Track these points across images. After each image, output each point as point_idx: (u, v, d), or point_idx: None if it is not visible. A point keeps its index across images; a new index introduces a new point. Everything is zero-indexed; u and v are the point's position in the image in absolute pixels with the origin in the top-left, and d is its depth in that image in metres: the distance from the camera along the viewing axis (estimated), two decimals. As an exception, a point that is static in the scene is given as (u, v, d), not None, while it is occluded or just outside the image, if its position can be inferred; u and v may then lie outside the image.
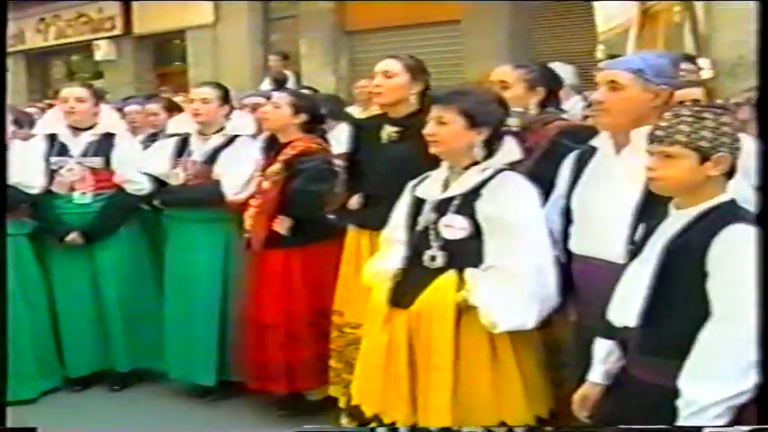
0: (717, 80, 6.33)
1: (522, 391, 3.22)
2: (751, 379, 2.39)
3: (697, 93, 3.55)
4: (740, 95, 4.90)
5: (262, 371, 4.74)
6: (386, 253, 3.52)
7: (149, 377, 5.46)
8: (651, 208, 2.77)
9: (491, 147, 3.31)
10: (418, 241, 3.33)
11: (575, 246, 3.18)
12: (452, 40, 10.42)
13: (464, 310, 3.16)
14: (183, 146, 5.17)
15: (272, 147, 4.81)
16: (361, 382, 3.45)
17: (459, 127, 3.26)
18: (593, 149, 3.21)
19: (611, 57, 3.71)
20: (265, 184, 4.67)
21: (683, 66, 3.73)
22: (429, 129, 3.31)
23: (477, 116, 3.26)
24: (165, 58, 15.12)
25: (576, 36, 8.90)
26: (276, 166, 4.65)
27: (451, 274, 3.21)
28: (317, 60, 11.91)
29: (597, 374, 2.81)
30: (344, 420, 3.52)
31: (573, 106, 6.09)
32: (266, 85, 10.13)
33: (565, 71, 6.39)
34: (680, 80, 3.15)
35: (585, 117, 4.04)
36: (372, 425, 3.31)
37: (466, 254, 3.21)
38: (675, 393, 2.45)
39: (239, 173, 4.87)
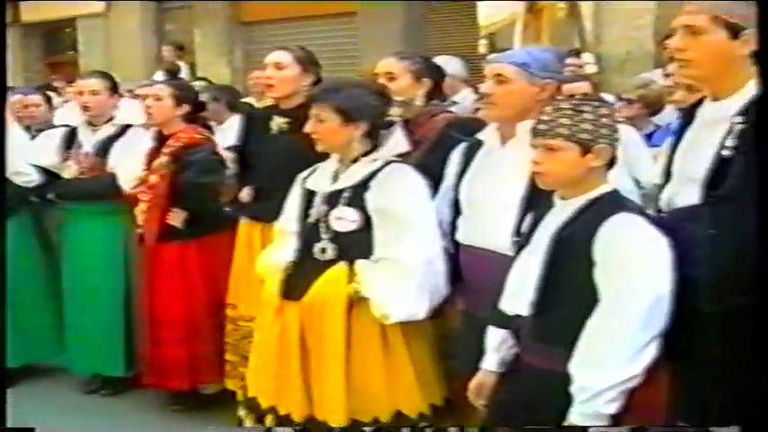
0: (605, 75, 6.51)
1: (416, 380, 3.26)
2: (639, 364, 2.47)
3: (585, 87, 3.65)
4: (632, 92, 5.04)
5: (161, 366, 4.68)
6: (278, 245, 3.51)
7: (40, 372, 5.36)
8: (537, 199, 2.83)
9: (375, 139, 3.33)
10: (309, 233, 3.33)
11: (463, 237, 3.22)
12: (348, 31, 10.43)
13: (355, 302, 3.18)
14: (71, 137, 5.06)
15: (157, 139, 4.75)
16: (256, 375, 3.45)
17: (336, 124, 3.26)
18: (481, 142, 3.26)
19: (497, 51, 3.77)
20: (153, 178, 4.59)
21: (570, 60, 3.82)
22: (309, 127, 3.32)
23: (351, 111, 3.26)
24: (55, 47, 14.72)
25: (469, 29, 8.99)
26: (162, 159, 4.58)
27: (342, 266, 3.22)
28: (212, 51, 11.78)
29: (491, 362, 2.86)
30: (241, 413, 3.51)
31: (464, 99, 6.18)
32: (159, 75, 9.96)
33: (456, 64, 6.48)
34: (565, 74, 3.22)
35: (477, 110, 4.09)
36: (268, 417, 3.31)
37: (356, 246, 3.22)
38: (568, 379, 2.51)
39: (134, 165, 4.78)
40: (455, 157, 3.35)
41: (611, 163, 2.67)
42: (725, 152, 2.60)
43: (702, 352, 2.64)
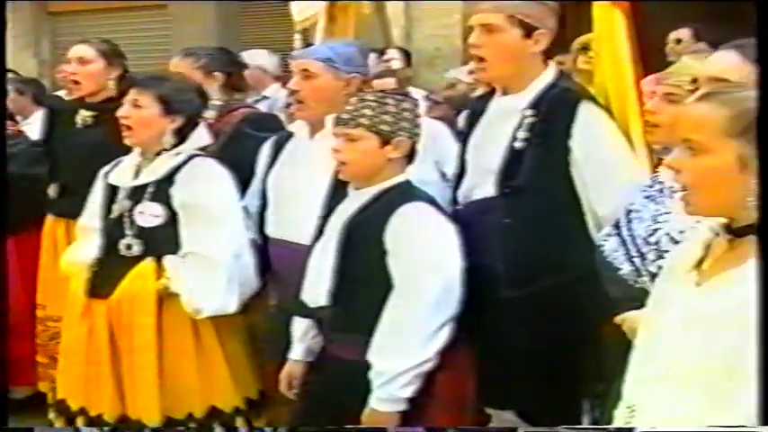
0: (416, 71, 6.67)
1: (229, 375, 3.26)
2: (432, 348, 2.56)
3: (391, 83, 3.75)
4: (439, 92, 5.19)
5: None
6: (82, 242, 3.42)
7: None
8: (343, 191, 2.88)
9: (183, 135, 3.30)
10: (113, 230, 3.26)
11: (271, 230, 3.25)
12: (161, 24, 10.21)
13: (165, 298, 3.15)
14: None
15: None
16: (65, 376, 3.37)
17: (154, 112, 3.22)
18: (291, 134, 3.30)
19: (307, 46, 3.82)
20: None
21: (380, 56, 3.92)
22: (123, 111, 3.25)
23: (173, 103, 3.23)
24: None
25: (283, 23, 9.01)
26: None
27: (150, 262, 3.18)
28: (18, 42, 11.24)
29: (297, 352, 2.90)
30: (51, 415, 3.43)
31: (274, 93, 6.18)
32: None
33: (263, 58, 6.46)
34: (370, 69, 3.31)
35: (288, 104, 4.12)
36: (79, 418, 3.24)
37: (163, 241, 3.18)
38: (369, 367, 2.58)
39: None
40: (265, 150, 3.37)
41: (411, 157, 2.75)
42: (517, 144, 2.75)
43: (504, 336, 2.79)
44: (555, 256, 2.74)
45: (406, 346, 2.56)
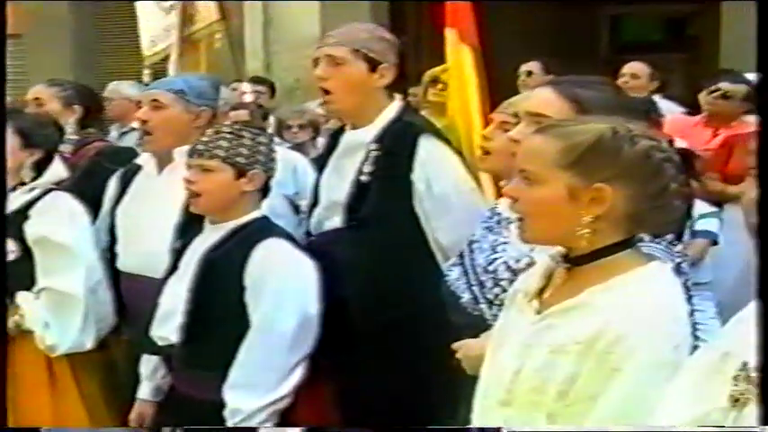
0: (275, 102, 6.71)
1: (85, 413, 3.18)
2: (288, 384, 2.59)
3: (243, 115, 3.77)
4: (295, 119, 5.25)
5: None
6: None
7: None
8: (192, 225, 2.88)
9: (40, 169, 3.24)
10: (-38, 265, 3.17)
11: (121, 264, 3.21)
12: (16, 54, 9.95)
13: (18, 335, 3.07)
14: None
15: None
16: None
17: (13, 146, 3.15)
18: (139, 167, 3.28)
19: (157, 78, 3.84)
20: None
21: (231, 88, 3.94)
22: None
23: (32, 136, 3.18)
24: None
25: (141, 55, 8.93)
26: None
27: (2, 299, 3.10)
28: None
29: (146, 391, 2.87)
30: None
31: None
32: None
33: (129, 89, 6.39)
34: (222, 102, 3.33)
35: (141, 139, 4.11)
36: None
37: (17, 277, 3.09)
38: (222, 406, 2.57)
39: None
40: (112, 183, 3.33)
41: (265, 191, 2.78)
42: (363, 177, 2.81)
43: (360, 369, 2.83)
44: (404, 288, 2.79)
45: (263, 383, 2.56)
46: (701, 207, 3.99)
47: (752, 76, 4.34)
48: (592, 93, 2.10)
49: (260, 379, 2.56)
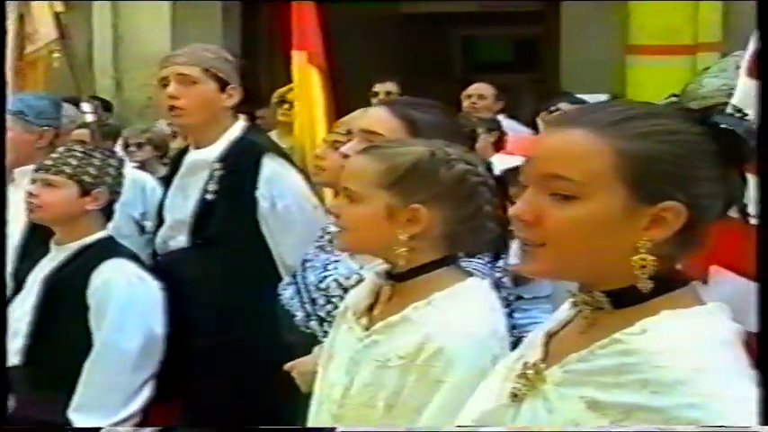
0: (127, 120, 6.60)
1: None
2: (136, 404, 2.60)
3: (84, 134, 3.73)
4: (139, 136, 5.21)
5: None
6: None
7: None
8: (36, 245, 2.85)
9: None
10: None
11: None
12: None
13: None
14: None
15: None
16: None
17: None
18: None
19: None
20: None
21: (71, 109, 3.87)
22: None
23: None
24: None
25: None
26: None
27: None
28: None
29: None
30: None
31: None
32: None
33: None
34: (67, 120, 3.30)
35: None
36: None
37: None
38: (66, 426, 2.55)
39: None
40: None
41: (110, 213, 2.79)
42: (208, 196, 2.84)
43: (207, 386, 2.84)
44: (247, 305, 2.82)
45: (109, 403, 2.56)
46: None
47: (588, 98, 4.54)
48: (423, 115, 2.19)
49: (105, 400, 2.56)
